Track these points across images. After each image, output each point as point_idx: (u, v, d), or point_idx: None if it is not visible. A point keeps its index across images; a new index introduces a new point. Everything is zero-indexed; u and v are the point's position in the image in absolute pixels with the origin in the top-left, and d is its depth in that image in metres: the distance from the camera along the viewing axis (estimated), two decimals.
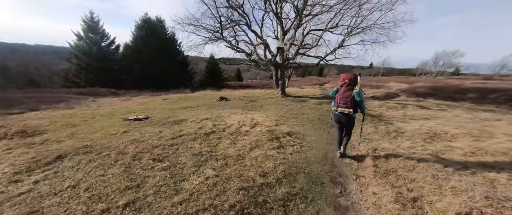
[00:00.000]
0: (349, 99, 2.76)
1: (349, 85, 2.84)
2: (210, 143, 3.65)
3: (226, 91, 19.13)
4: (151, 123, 5.12)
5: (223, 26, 8.73)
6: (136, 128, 4.55)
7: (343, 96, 2.83)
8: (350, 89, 2.81)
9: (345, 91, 2.85)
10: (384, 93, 12.07)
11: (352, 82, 2.83)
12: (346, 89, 2.84)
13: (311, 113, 6.96)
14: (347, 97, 2.79)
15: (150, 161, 2.81)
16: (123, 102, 10.21)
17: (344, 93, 2.84)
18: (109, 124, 4.86)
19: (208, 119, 5.60)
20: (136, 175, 2.44)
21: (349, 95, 2.77)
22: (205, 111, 7.18)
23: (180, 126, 4.79)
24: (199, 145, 3.52)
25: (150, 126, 4.73)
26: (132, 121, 5.28)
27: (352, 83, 2.83)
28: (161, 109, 7.68)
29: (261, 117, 6.00)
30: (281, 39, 10.23)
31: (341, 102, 2.85)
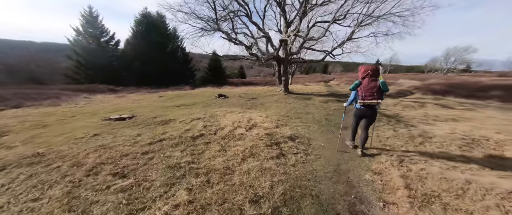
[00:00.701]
0: (376, 89, 2.66)
1: (373, 76, 2.71)
2: (194, 150, 2.97)
3: (227, 88, 18.48)
4: (133, 123, 4.49)
5: (220, 17, 7.99)
6: (112, 130, 3.92)
7: (368, 87, 2.69)
8: (375, 80, 2.69)
9: (369, 82, 2.70)
10: (396, 90, 11.16)
11: (375, 72, 2.73)
12: (371, 80, 2.70)
13: (317, 113, 6.20)
14: (373, 88, 2.67)
15: (110, 176, 2.16)
16: (116, 99, 9.67)
17: (369, 84, 2.70)
18: (84, 125, 4.25)
19: (200, 119, 4.94)
20: (80, 200, 1.79)
21: (375, 86, 2.67)
22: (199, 109, 6.52)
23: (165, 128, 4.14)
24: (180, 153, 2.85)
25: (130, 128, 4.09)
26: (113, 121, 4.66)
27: (375, 74, 2.72)
28: (153, 107, 7.07)
29: (260, 116, 5.29)
30: (284, 31, 9.42)
31: (367, 94, 2.69)
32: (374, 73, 2.72)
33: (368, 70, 2.74)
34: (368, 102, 2.68)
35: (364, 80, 2.76)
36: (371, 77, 2.72)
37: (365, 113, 2.83)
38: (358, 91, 2.79)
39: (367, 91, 2.69)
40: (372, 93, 2.66)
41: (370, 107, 2.76)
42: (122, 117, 4.87)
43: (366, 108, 2.77)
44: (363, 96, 2.71)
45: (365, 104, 2.71)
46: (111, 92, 15.39)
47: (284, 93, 10.50)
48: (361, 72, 2.82)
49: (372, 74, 2.72)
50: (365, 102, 2.70)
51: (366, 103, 2.69)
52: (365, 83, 2.74)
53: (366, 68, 2.78)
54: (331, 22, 8.28)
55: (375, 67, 2.77)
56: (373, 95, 2.66)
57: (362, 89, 2.73)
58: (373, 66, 2.79)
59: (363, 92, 2.72)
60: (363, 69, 2.81)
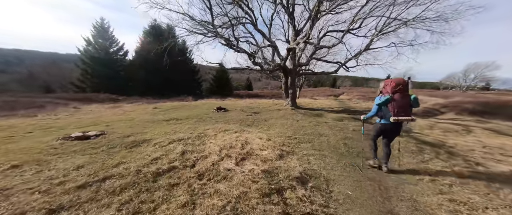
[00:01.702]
0: (408, 106, 2.54)
1: (404, 91, 2.56)
2: (143, 203, 1.84)
3: (231, 100, 17.60)
4: (93, 145, 3.46)
5: (222, 23, 7.25)
6: (52, 156, 2.88)
7: (402, 103, 2.54)
8: (407, 95, 2.56)
9: (402, 97, 2.55)
10: (421, 109, 9.68)
11: (406, 87, 2.57)
12: (403, 96, 2.55)
13: (332, 135, 4.95)
14: (406, 104, 2.53)
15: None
16: (107, 110, 8.91)
17: (402, 100, 2.54)
18: (25, 147, 3.27)
19: (182, 140, 3.85)
20: None
21: (407, 102, 2.54)
22: (189, 125, 5.47)
23: (128, 155, 3.06)
24: (116, 211, 1.72)
25: (80, 153, 3.04)
26: (71, 140, 3.66)
27: (406, 89, 2.57)
28: (137, 121, 6.12)
29: (261, 139, 4.12)
30: (293, 40, 8.53)
31: (400, 110, 2.53)
32: (405, 88, 2.57)
33: (400, 85, 2.56)
34: (402, 118, 2.53)
35: (396, 96, 2.57)
36: (402, 92, 2.56)
37: (393, 129, 2.70)
38: (389, 107, 2.61)
39: (399, 108, 2.54)
40: (405, 109, 2.55)
41: (399, 124, 2.65)
42: (86, 135, 3.88)
43: (396, 125, 2.64)
44: (396, 112, 2.54)
45: (400, 120, 2.54)
46: (111, 101, 14.93)
47: (291, 108, 9.34)
48: (392, 86, 2.59)
49: (403, 88, 2.56)
50: (400, 118, 2.52)
51: (400, 119, 2.53)
52: (397, 98, 2.56)
53: (397, 82, 2.60)
54: (346, 31, 7.27)
55: (406, 81, 2.61)
56: (406, 111, 2.55)
57: (395, 105, 2.56)
58: (403, 80, 2.61)
59: (395, 108, 2.55)
60: (394, 83, 2.60)
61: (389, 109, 2.61)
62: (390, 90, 2.63)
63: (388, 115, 2.61)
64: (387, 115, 2.63)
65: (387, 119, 2.62)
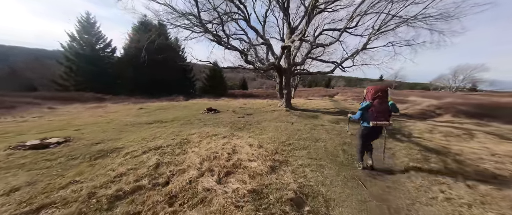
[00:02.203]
0: (387, 111, 2.70)
1: (383, 97, 2.74)
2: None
3: (224, 100, 17.06)
4: (49, 156, 2.90)
5: (213, 19, 6.73)
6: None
7: (380, 109, 2.71)
8: (385, 101, 2.73)
9: (381, 103, 2.72)
10: (417, 111, 9.52)
11: (385, 93, 2.76)
12: (382, 102, 2.73)
13: (330, 140, 4.57)
14: (384, 109, 2.70)
15: None
16: (86, 111, 8.21)
17: (381, 106, 2.72)
18: None
19: (160, 149, 3.34)
20: None
21: (386, 108, 2.70)
22: (173, 129, 4.95)
23: (87, 170, 2.53)
24: None
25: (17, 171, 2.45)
26: (23, 149, 3.08)
27: (385, 95, 2.76)
28: (116, 123, 5.52)
29: (251, 146, 3.67)
30: (288, 38, 8.12)
31: (378, 115, 2.71)
32: (384, 94, 2.74)
33: (379, 92, 2.76)
34: (381, 123, 2.71)
35: (375, 102, 2.75)
36: (382, 99, 2.73)
37: (374, 132, 2.90)
38: (369, 111, 2.78)
39: (378, 113, 2.71)
40: (384, 114, 2.70)
41: (380, 128, 2.83)
42: (44, 144, 3.30)
43: (376, 128, 2.82)
44: (375, 117, 2.72)
45: (378, 125, 2.73)
46: (96, 101, 14.08)
47: (285, 109, 8.94)
48: (371, 93, 2.80)
49: (383, 95, 2.74)
50: (378, 123, 2.71)
51: (379, 124, 2.71)
52: (376, 104, 2.74)
53: (377, 89, 2.79)
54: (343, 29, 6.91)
55: (385, 88, 2.80)
56: (385, 116, 2.71)
57: (373, 110, 2.74)
58: (383, 86, 2.80)
59: (374, 113, 2.73)
60: (374, 90, 2.79)
61: (369, 114, 2.78)
62: (370, 96, 2.79)
63: (369, 119, 2.78)
64: (368, 119, 2.79)
65: (368, 123, 2.80)
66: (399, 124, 6.47)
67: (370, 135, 2.95)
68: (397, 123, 6.68)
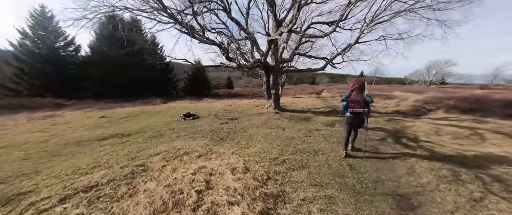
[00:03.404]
0: (362, 101, 3.21)
1: (360, 89, 3.31)
2: None
3: (207, 102, 15.75)
4: None
5: (185, 7, 5.54)
6: None
7: (356, 99, 3.25)
8: (361, 93, 3.27)
9: (357, 94, 3.28)
10: (409, 107, 9.25)
11: (362, 86, 3.33)
12: (358, 93, 3.29)
13: (331, 150, 3.75)
14: (360, 100, 3.22)
15: None
16: (27, 123, 6.54)
17: (357, 96, 3.27)
18: None
19: (93, 189, 2.21)
20: None
21: (361, 98, 3.22)
22: (131, 148, 3.76)
23: None
24: None
25: None
26: None
27: (361, 87, 3.32)
28: (54, 143, 4.15)
29: (233, 171, 2.69)
30: (274, 31, 7.21)
31: (355, 104, 3.26)
32: (361, 87, 3.32)
33: (356, 84, 3.35)
34: (356, 110, 3.26)
35: (353, 93, 3.35)
36: (358, 90, 3.31)
37: (354, 120, 3.37)
38: (348, 101, 3.35)
39: (355, 102, 3.26)
40: (359, 103, 3.23)
41: (358, 115, 3.32)
42: None
43: (355, 116, 3.33)
44: (352, 106, 3.29)
45: (354, 112, 3.29)
46: (53, 108, 11.98)
47: (274, 111, 8.07)
48: (350, 86, 3.45)
49: (359, 87, 3.32)
50: (354, 110, 3.28)
51: (355, 111, 3.28)
52: (353, 95, 3.32)
53: (355, 82, 3.40)
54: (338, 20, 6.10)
55: (362, 81, 3.39)
56: (360, 105, 3.22)
57: (351, 100, 3.31)
58: (360, 80, 3.40)
59: (351, 102, 3.30)
60: (352, 84, 3.43)
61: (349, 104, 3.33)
62: (349, 89, 3.44)
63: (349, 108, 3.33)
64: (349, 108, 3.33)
65: (349, 112, 3.35)
66: (399, 124, 5.95)
67: (351, 122, 3.42)
68: (396, 123, 6.16)
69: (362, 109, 3.21)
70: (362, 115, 3.28)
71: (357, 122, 3.36)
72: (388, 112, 8.47)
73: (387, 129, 5.33)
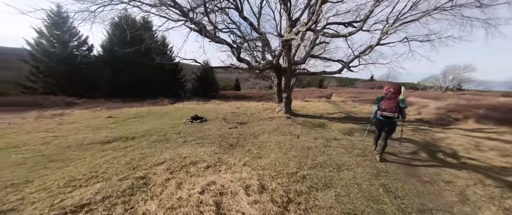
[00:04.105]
0: (394, 105, 3.19)
1: (394, 93, 3.31)
2: None
3: (215, 103, 15.51)
4: None
5: (196, 6, 5.26)
6: None
7: (388, 102, 3.26)
8: (395, 97, 3.25)
9: (390, 98, 3.28)
10: (434, 115, 8.52)
11: (397, 91, 3.31)
12: (391, 97, 3.29)
13: (356, 165, 3.26)
14: (391, 103, 3.22)
15: None
16: (34, 122, 6.45)
17: (389, 100, 3.27)
18: None
19: (83, 209, 1.86)
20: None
21: (394, 102, 3.20)
22: (133, 155, 3.44)
23: None
24: None
25: None
26: None
27: (396, 92, 3.30)
28: (54, 145, 3.91)
29: (247, 189, 2.29)
30: (287, 32, 6.80)
31: (386, 107, 3.26)
32: (396, 91, 3.31)
33: (390, 88, 3.36)
34: (386, 114, 3.26)
35: (386, 96, 3.35)
36: (392, 94, 3.30)
37: (384, 124, 3.38)
38: (379, 104, 3.38)
39: (386, 105, 3.27)
40: (391, 107, 3.21)
41: (388, 119, 3.30)
42: None
43: (384, 119, 3.33)
44: (383, 109, 3.30)
45: (383, 115, 3.30)
46: (64, 106, 12.11)
47: (286, 116, 7.61)
48: (385, 89, 3.45)
49: (394, 91, 3.31)
50: (383, 113, 3.29)
51: (384, 114, 3.28)
52: (386, 98, 3.33)
53: (389, 86, 3.42)
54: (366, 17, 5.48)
55: (396, 86, 3.37)
56: (392, 109, 3.20)
57: (383, 103, 3.33)
58: (395, 85, 3.41)
59: (383, 105, 3.32)
60: (386, 87, 3.44)
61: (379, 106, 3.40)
62: (383, 92, 3.49)
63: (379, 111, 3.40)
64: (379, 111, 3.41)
65: (378, 115, 3.41)
66: (427, 135, 5.33)
67: (381, 125, 3.45)
68: (423, 133, 5.54)
69: (392, 114, 3.19)
70: (393, 119, 3.25)
71: (388, 126, 3.33)
72: (410, 120, 7.79)
73: (416, 140, 4.75)
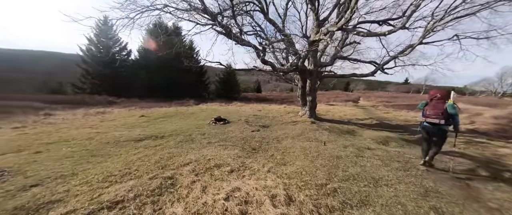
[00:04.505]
0: (441, 111, 2.95)
1: (441, 98, 3.06)
2: None
3: (236, 105, 15.75)
4: None
5: (223, 10, 5.37)
6: None
7: (434, 108, 3.04)
8: (442, 102, 3.01)
9: (436, 103, 3.06)
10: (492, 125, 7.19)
11: (444, 96, 3.06)
12: (437, 102, 3.06)
13: (396, 180, 2.84)
14: (438, 108, 2.99)
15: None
16: (82, 119, 7.33)
17: (435, 105, 3.04)
18: None
19: (118, 206, 1.94)
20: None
21: (441, 107, 2.97)
22: (162, 154, 3.59)
23: None
24: None
25: None
26: None
27: (443, 97, 3.05)
28: (96, 141, 4.33)
29: (273, 199, 2.14)
30: (315, 32, 6.49)
31: (431, 113, 3.05)
32: (443, 96, 3.05)
33: (437, 93, 3.14)
34: (431, 120, 3.04)
35: (432, 101, 3.16)
36: (439, 99, 3.06)
37: (430, 130, 3.15)
38: (424, 110, 3.20)
39: (431, 111, 3.06)
40: (437, 113, 2.97)
41: (435, 125, 3.04)
42: None
43: (430, 126, 3.11)
44: (427, 115, 3.10)
45: (428, 121, 3.11)
46: (106, 104, 13.64)
47: (310, 120, 7.25)
48: (430, 94, 3.25)
49: (441, 97, 3.06)
50: (427, 119, 3.11)
51: (429, 120, 3.08)
52: (431, 103, 3.14)
53: (435, 92, 3.20)
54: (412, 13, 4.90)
55: (446, 91, 3.15)
56: (438, 115, 2.96)
57: (428, 108, 3.14)
58: (443, 90, 3.18)
59: (427, 111, 3.13)
60: (432, 92, 3.22)
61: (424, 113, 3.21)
62: (428, 97, 3.28)
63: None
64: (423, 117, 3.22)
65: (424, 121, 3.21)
66: (487, 149, 4.46)
67: (427, 134, 3.23)
68: (481, 147, 4.66)
69: (438, 120, 2.97)
70: (441, 126, 3.00)
71: (436, 132, 3.10)
72: (460, 131, 6.68)
73: (472, 155, 4.00)
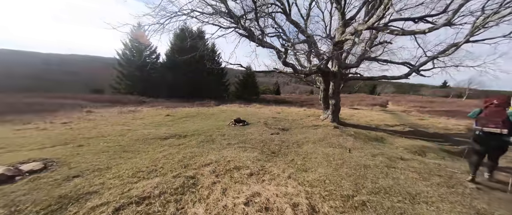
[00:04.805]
0: (500, 119, 2.57)
1: (499, 105, 2.71)
2: None
3: (255, 107, 15.79)
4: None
5: (247, 11, 5.43)
6: None
7: (491, 116, 2.66)
8: (502, 109, 2.65)
9: (494, 110, 2.69)
10: None
11: (503, 102, 2.72)
12: (495, 109, 2.69)
13: (438, 199, 2.47)
14: (498, 116, 2.60)
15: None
16: (117, 116, 8.07)
17: (494, 113, 2.67)
18: None
19: (144, 202, 2.05)
20: None
21: (500, 115, 2.60)
22: (185, 153, 3.73)
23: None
24: None
25: None
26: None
27: (502, 104, 2.71)
28: (128, 137, 4.71)
29: (295, 208, 2.03)
30: (340, 32, 6.15)
31: (489, 122, 2.65)
32: (502, 103, 2.71)
33: (493, 100, 2.78)
34: (488, 129, 2.63)
35: (487, 109, 2.77)
36: (496, 106, 2.71)
37: (486, 143, 2.75)
38: (479, 118, 2.81)
39: (489, 119, 2.65)
40: (497, 121, 2.58)
41: (495, 135, 2.62)
42: (12, 174, 2.44)
43: (487, 137, 2.69)
44: (483, 123, 2.69)
45: (485, 131, 2.68)
46: (136, 104, 14.87)
47: (333, 125, 6.87)
48: (484, 101, 2.92)
49: (499, 103, 2.71)
50: (484, 129, 2.67)
51: (485, 130, 2.66)
52: (487, 111, 2.76)
53: (491, 99, 2.83)
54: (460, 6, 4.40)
55: (505, 97, 2.83)
56: (498, 123, 2.56)
57: (483, 116, 2.75)
58: (504, 96, 2.83)
59: (483, 119, 2.72)
60: (488, 99, 2.86)
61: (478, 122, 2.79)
62: (483, 104, 2.91)
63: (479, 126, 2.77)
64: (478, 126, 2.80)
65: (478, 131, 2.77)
66: None
67: (482, 143, 2.80)
68: None
69: (499, 130, 2.55)
70: (501, 137, 2.57)
71: (495, 144, 2.67)
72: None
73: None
